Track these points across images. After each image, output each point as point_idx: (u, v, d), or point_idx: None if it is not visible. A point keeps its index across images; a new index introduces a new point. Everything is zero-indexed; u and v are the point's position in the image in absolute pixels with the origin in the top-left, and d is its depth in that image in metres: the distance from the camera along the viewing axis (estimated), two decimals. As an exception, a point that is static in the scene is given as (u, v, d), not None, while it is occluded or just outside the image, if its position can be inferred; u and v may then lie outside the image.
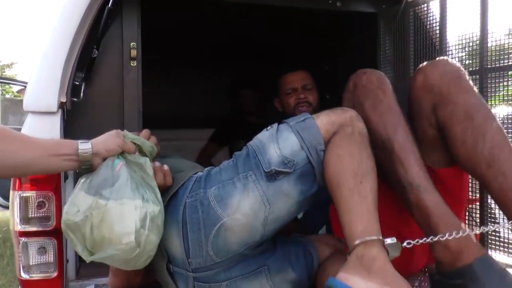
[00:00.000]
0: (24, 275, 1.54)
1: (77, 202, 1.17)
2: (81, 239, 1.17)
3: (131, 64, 1.79)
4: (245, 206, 1.23)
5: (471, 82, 1.36)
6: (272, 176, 1.23)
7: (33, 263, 1.54)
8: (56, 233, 1.52)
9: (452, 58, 1.85)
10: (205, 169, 1.39)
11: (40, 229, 1.52)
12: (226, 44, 3.22)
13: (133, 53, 1.78)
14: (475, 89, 1.36)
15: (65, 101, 1.56)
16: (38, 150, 1.11)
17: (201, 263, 1.28)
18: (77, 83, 1.63)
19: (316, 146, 1.25)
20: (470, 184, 1.68)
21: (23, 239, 1.51)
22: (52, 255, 1.53)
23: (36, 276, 1.54)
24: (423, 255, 1.54)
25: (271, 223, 1.26)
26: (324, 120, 1.28)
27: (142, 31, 1.83)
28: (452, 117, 1.32)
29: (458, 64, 1.40)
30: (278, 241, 1.39)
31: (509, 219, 1.25)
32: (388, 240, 1.13)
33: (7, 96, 16.28)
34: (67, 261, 1.57)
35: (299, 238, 1.48)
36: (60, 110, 1.55)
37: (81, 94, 1.65)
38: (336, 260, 1.43)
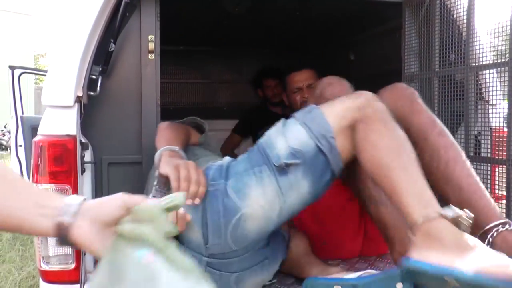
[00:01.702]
0: (43, 266, 1.57)
1: None
2: None
3: (149, 57, 1.78)
4: (262, 197, 1.26)
5: (423, 104, 1.42)
6: (283, 169, 1.25)
7: (52, 254, 1.56)
8: (73, 226, 1.54)
9: (480, 49, 1.78)
10: (224, 158, 1.42)
11: (58, 221, 1.54)
12: (250, 34, 3.19)
13: (151, 46, 1.77)
14: (428, 109, 1.42)
15: (81, 95, 1.56)
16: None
17: (219, 250, 1.31)
18: (94, 77, 1.63)
19: (325, 134, 1.25)
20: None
21: (42, 231, 1.54)
22: (69, 247, 1.55)
23: (55, 267, 1.56)
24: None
25: (285, 214, 1.30)
26: (338, 108, 1.29)
27: (164, 23, 1.82)
28: (409, 139, 1.34)
29: (412, 89, 1.47)
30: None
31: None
32: (450, 213, 1.08)
33: (41, 85, 16.71)
34: (85, 253, 1.59)
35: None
36: (76, 104, 1.55)
37: (98, 88, 1.65)
38: (296, 240, 1.57)
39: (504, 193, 1.69)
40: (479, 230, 1.24)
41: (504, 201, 1.70)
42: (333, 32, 3.09)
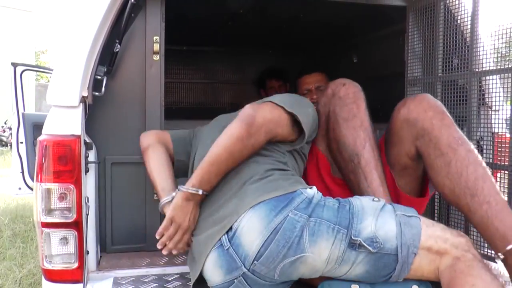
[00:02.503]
0: (46, 265, 1.57)
1: None
2: None
3: (154, 58, 1.79)
4: (325, 253, 1.28)
5: (451, 118, 1.47)
6: (355, 244, 1.27)
7: (55, 253, 1.56)
8: (77, 225, 1.54)
9: (483, 54, 1.79)
10: (313, 188, 1.40)
11: (61, 220, 1.54)
12: (254, 35, 3.19)
13: (156, 47, 1.78)
14: (455, 124, 1.47)
15: (86, 95, 1.57)
16: None
17: (262, 272, 1.32)
18: (99, 77, 1.64)
19: (409, 246, 1.26)
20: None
21: (45, 229, 1.54)
22: (73, 246, 1.55)
23: (58, 266, 1.57)
24: None
25: (327, 275, 1.34)
26: (438, 232, 1.29)
27: (168, 23, 1.83)
28: (436, 150, 1.44)
29: (439, 101, 1.52)
30: None
31: (493, 248, 1.34)
32: None
33: (41, 81, 16.72)
34: (88, 252, 1.60)
35: None
36: (81, 104, 1.56)
37: (103, 88, 1.66)
38: None
39: (506, 198, 1.70)
40: (505, 245, 1.29)
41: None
42: (336, 34, 3.10)
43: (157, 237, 1.45)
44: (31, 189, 3.90)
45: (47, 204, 1.53)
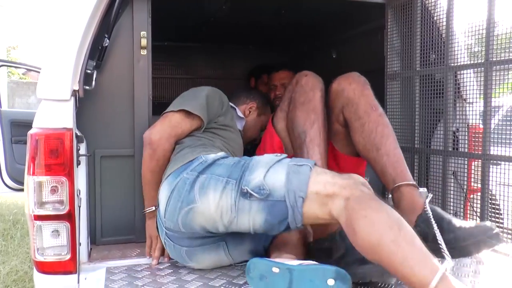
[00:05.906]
0: (38, 257, 1.59)
1: None
2: None
3: (141, 53, 1.82)
4: (216, 203, 1.42)
5: (371, 91, 1.78)
6: (245, 194, 1.39)
7: (47, 246, 1.58)
8: (69, 217, 1.56)
9: (458, 50, 1.88)
10: (220, 154, 1.60)
11: (53, 213, 1.56)
12: (236, 31, 3.23)
13: (143, 42, 1.81)
14: (373, 95, 1.77)
15: (77, 89, 1.59)
16: None
17: (171, 226, 1.53)
18: (89, 71, 1.66)
19: (295, 191, 1.34)
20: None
21: (37, 222, 1.56)
22: (65, 238, 1.57)
23: (50, 258, 1.59)
24: None
25: (234, 228, 1.44)
26: (327, 179, 1.36)
27: (153, 19, 1.86)
28: (355, 114, 1.75)
29: (364, 78, 1.81)
30: None
31: (387, 189, 1.67)
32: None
33: (13, 78, 16.31)
34: (80, 244, 1.62)
35: None
36: (72, 97, 1.58)
37: (93, 82, 1.69)
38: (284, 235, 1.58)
39: (480, 185, 1.80)
40: (393, 185, 1.63)
41: (479, 194, 1.81)
42: (317, 30, 3.16)
43: (147, 256, 1.75)
44: (9, 187, 3.85)
45: (39, 197, 1.55)
